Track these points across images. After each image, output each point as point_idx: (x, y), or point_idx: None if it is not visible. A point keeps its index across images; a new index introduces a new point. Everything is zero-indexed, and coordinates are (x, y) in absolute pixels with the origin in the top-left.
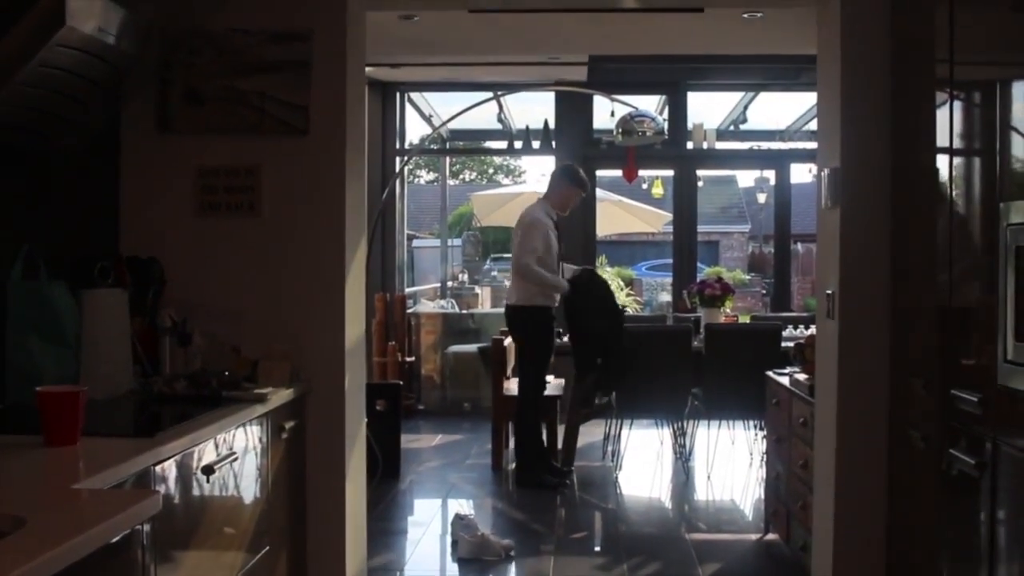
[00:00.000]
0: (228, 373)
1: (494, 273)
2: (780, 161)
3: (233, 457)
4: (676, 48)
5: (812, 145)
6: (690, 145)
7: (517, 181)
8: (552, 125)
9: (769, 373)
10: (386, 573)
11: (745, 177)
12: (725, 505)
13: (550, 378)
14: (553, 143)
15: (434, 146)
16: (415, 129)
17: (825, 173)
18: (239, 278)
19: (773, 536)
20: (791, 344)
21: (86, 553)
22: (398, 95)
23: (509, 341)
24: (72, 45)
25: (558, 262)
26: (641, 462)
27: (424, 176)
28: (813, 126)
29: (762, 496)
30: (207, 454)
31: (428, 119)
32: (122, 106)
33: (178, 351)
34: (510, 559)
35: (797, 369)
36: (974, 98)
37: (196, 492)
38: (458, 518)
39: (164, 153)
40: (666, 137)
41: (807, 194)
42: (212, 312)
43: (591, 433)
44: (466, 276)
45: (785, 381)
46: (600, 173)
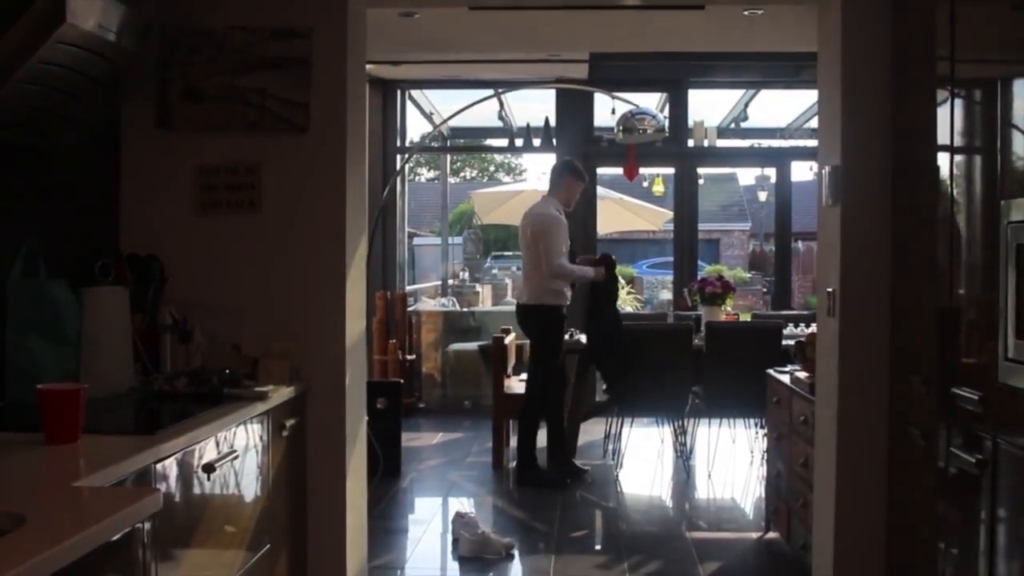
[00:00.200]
0: (229, 371)
1: (495, 271)
2: (781, 159)
3: (234, 455)
4: (677, 45)
5: (813, 143)
6: (691, 143)
7: (518, 179)
8: (553, 123)
9: (770, 371)
10: (387, 571)
11: (746, 175)
12: (726, 503)
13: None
14: (554, 141)
15: (435, 144)
16: (416, 127)
17: (826, 171)
18: (240, 276)
19: (774, 534)
20: (792, 342)
21: (86, 551)
22: (399, 92)
23: (510, 339)
24: (72, 42)
25: (570, 258)
26: (642, 460)
27: (425, 174)
28: (814, 124)
29: (763, 494)
30: (208, 452)
31: (429, 116)
32: (122, 104)
33: (179, 349)
34: (511, 557)
35: (798, 367)
36: (975, 96)
37: (197, 490)
38: (459, 516)
39: (164, 151)
40: (667, 135)
41: (808, 192)
42: (213, 310)
43: (592, 431)
44: (467, 274)
45: (786, 379)
46: (601, 171)
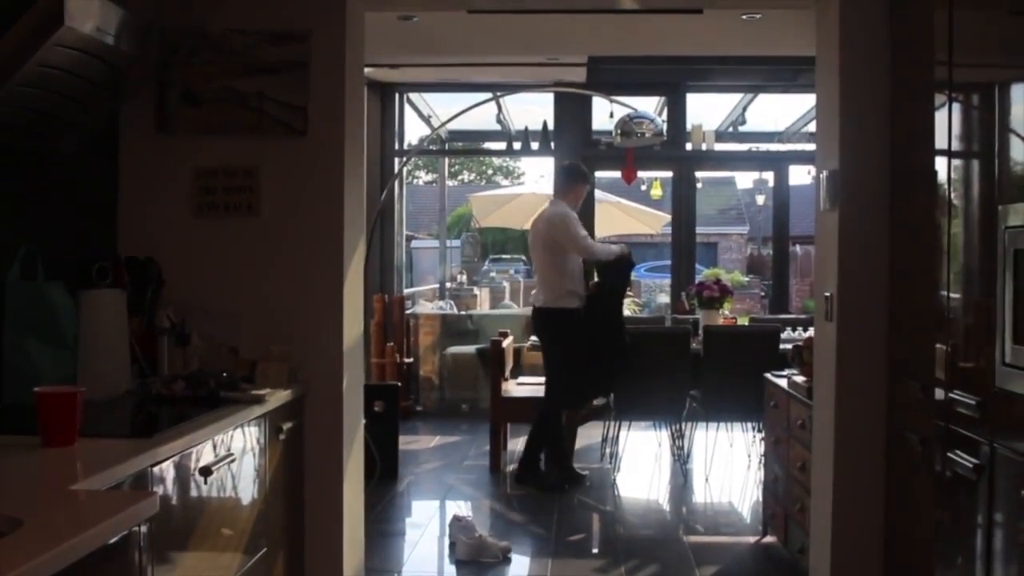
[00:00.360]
0: (226, 374)
1: (493, 274)
2: (779, 163)
3: (231, 458)
4: (675, 49)
5: (811, 147)
6: (689, 146)
7: (516, 182)
8: (551, 126)
9: (767, 375)
10: (383, 575)
11: (744, 179)
12: (723, 507)
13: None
14: (552, 144)
15: (433, 147)
16: (414, 130)
17: (824, 175)
18: (237, 279)
19: (771, 538)
20: (789, 346)
21: (83, 554)
22: (397, 96)
23: (508, 342)
24: (71, 45)
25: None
26: (639, 464)
27: (423, 177)
28: (812, 128)
29: (760, 498)
30: (205, 455)
31: (427, 120)
32: (121, 107)
33: (176, 352)
34: (508, 561)
35: (795, 371)
36: (973, 100)
37: (194, 493)
38: (456, 520)
39: (163, 154)
40: (665, 138)
41: (806, 196)
42: (210, 313)
43: (589, 435)
44: (465, 277)
45: (783, 383)
46: (599, 174)
